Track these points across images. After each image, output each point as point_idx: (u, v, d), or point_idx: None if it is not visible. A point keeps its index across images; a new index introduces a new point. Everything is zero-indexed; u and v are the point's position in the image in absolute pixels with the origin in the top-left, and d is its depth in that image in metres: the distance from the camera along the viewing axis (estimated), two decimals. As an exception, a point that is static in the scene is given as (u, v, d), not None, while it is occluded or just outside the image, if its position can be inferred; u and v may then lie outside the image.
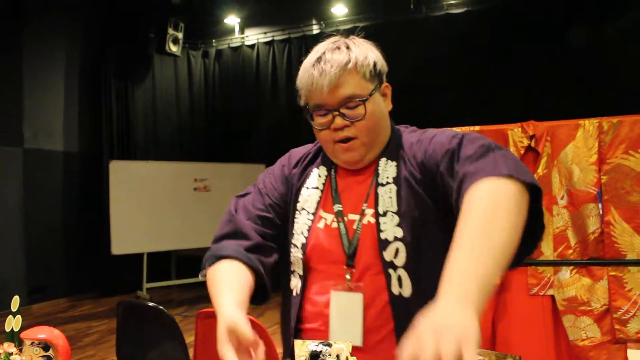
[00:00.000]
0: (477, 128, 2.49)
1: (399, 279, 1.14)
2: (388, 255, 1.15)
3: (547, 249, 2.42)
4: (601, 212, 2.41)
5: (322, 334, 1.19)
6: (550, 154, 2.42)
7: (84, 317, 6.17)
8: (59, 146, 7.22)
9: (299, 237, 1.25)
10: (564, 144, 2.42)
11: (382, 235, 1.15)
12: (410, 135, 1.27)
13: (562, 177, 2.42)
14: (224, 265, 1.19)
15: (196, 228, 6.95)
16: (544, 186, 2.40)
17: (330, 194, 1.25)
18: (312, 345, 0.98)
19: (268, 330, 1.08)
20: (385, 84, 1.27)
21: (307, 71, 1.21)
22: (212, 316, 2.43)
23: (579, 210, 2.40)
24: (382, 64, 1.26)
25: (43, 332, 1.18)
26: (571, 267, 2.41)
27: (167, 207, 6.98)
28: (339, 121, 1.19)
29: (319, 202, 1.26)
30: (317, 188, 1.27)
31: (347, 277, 1.17)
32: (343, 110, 1.19)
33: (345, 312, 1.14)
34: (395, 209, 1.17)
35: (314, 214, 1.24)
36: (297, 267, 1.25)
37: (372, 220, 1.19)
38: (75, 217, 7.32)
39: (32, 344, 1.15)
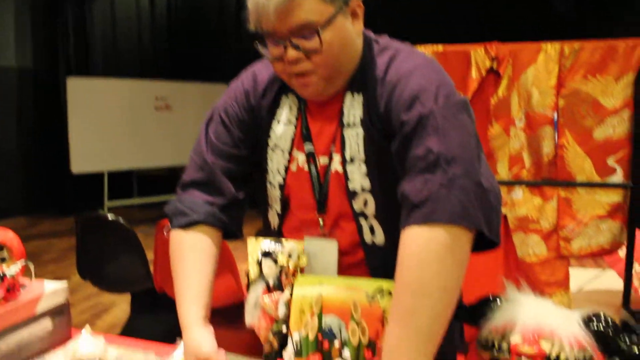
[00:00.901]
0: (440, 48, 2.47)
1: (371, 228, 1.08)
2: (357, 205, 1.07)
3: (502, 169, 2.49)
4: (556, 135, 2.47)
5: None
6: (511, 76, 2.44)
7: (44, 235, 6.13)
8: (12, 62, 6.90)
9: (275, 177, 1.14)
10: (525, 66, 2.43)
11: (350, 186, 1.06)
12: (381, 59, 1.08)
13: (522, 99, 2.45)
14: (194, 242, 1.11)
15: (157, 147, 6.86)
16: (503, 107, 2.44)
17: (301, 129, 1.12)
18: (265, 243, 1.00)
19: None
20: (354, 1, 1.05)
21: None
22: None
23: (536, 133, 2.46)
24: None
25: (-5, 233, 1.17)
26: (524, 187, 2.49)
27: (128, 126, 6.84)
28: (291, 53, 1.00)
29: (293, 140, 1.13)
30: (290, 122, 1.14)
31: (320, 223, 1.10)
32: (295, 41, 0.99)
33: (319, 259, 1.08)
34: (362, 156, 1.05)
35: (289, 152, 1.13)
36: (276, 205, 1.16)
37: (340, 168, 1.08)
38: (31, 135, 7.13)
39: (-16, 244, 1.14)
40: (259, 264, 0.99)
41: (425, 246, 0.86)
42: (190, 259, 1.09)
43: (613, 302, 3.66)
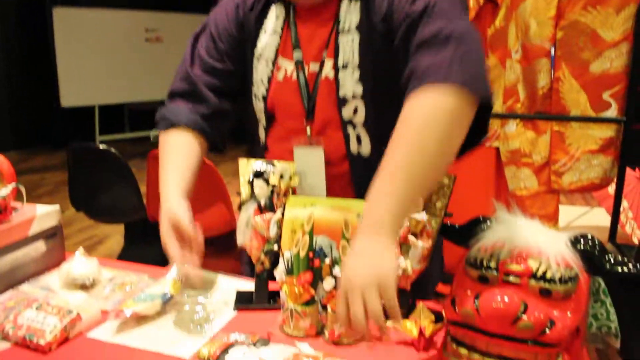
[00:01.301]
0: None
1: (358, 137, 1.09)
2: (347, 113, 1.07)
3: (496, 102, 2.47)
4: (552, 68, 2.44)
5: None
6: (509, 6, 2.38)
7: (36, 170, 6.12)
8: (-7, -11, 6.67)
9: (259, 88, 1.16)
10: (525, -5, 2.37)
11: (341, 92, 1.06)
12: None
13: (519, 30, 2.40)
14: (176, 138, 1.15)
15: (149, 80, 6.76)
16: (500, 38, 2.40)
17: (289, 37, 1.12)
18: (257, 164, 0.99)
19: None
20: None
21: None
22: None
23: (531, 65, 2.42)
24: None
25: (-17, 155, 1.16)
26: (517, 120, 2.48)
27: (118, 58, 6.71)
28: None
29: (277, 48, 1.14)
30: (275, 32, 1.14)
31: (308, 132, 1.11)
32: None
33: (308, 167, 1.10)
34: (357, 61, 1.05)
35: (273, 62, 1.14)
36: (261, 118, 1.18)
37: (331, 74, 1.08)
38: (19, 69, 6.97)
39: (-28, 165, 1.13)
40: (251, 184, 0.99)
41: (432, 107, 0.86)
42: (173, 151, 1.13)
43: (600, 238, 3.74)
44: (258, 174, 0.98)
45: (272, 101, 1.14)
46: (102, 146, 2.57)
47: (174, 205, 1.01)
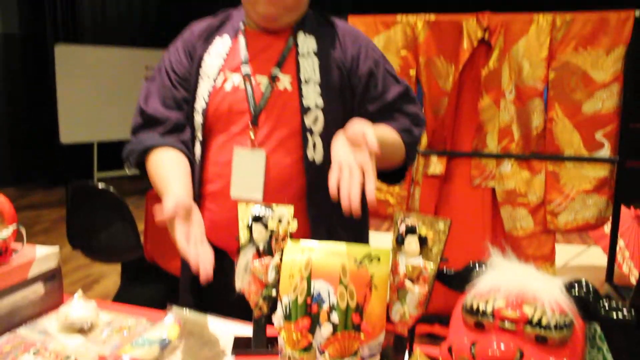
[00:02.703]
0: (432, 17, 2.46)
1: (314, 145, 1.22)
2: (308, 121, 1.21)
3: (491, 142, 2.50)
4: (545, 108, 2.48)
5: (223, 195, 1.24)
6: (502, 48, 2.43)
7: (33, 206, 6.11)
8: (-2, 27, 6.78)
9: (200, 103, 1.28)
10: (517, 38, 2.42)
11: (305, 102, 1.22)
12: (341, 22, 1.35)
13: (512, 71, 2.45)
14: (156, 156, 1.25)
15: (148, 118, 6.81)
16: (494, 79, 2.44)
17: (239, 58, 1.28)
18: (255, 208, 1.01)
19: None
20: None
21: None
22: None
23: (525, 105, 2.46)
24: None
25: (-15, 198, 1.17)
26: (512, 161, 2.51)
27: (118, 95, 6.77)
28: None
29: (220, 68, 1.28)
30: (219, 56, 1.30)
31: (251, 135, 1.22)
32: None
33: (247, 169, 1.20)
34: (317, 79, 1.24)
35: (214, 79, 1.27)
36: (198, 133, 1.29)
37: (290, 87, 1.24)
38: (19, 105, 7.03)
39: (-26, 208, 1.14)
40: (249, 228, 1.00)
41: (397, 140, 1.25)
42: (159, 164, 1.23)
43: (597, 278, 3.73)
44: (257, 219, 0.99)
45: (214, 112, 1.26)
46: (101, 185, 2.58)
47: (178, 191, 1.10)
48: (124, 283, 2.87)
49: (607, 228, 3.06)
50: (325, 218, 1.24)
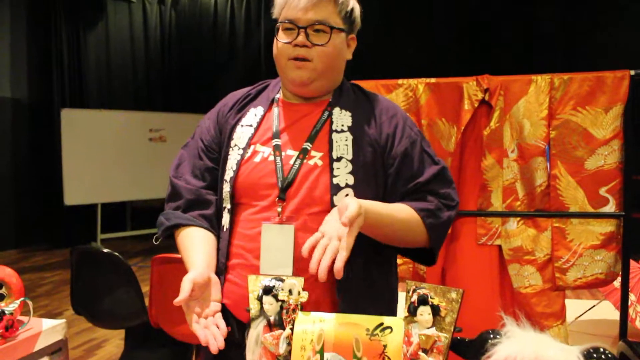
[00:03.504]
0: (433, 80, 2.52)
1: None
2: (337, 199, 1.19)
3: (496, 201, 2.50)
4: (548, 166, 2.49)
5: (248, 269, 1.22)
6: (503, 108, 2.47)
7: (36, 268, 6.07)
8: (7, 93, 6.93)
9: (229, 173, 1.28)
10: (517, 98, 2.47)
11: (335, 180, 1.20)
12: (380, 97, 1.36)
13: (514, 130, 2.48)
14: (184, 232, 1.28)
15: (151, 179, 6.87)
16: (496, 139, 2.47)
17: (271, 130, 1.29)
18: (265, 280, 1.00)
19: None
20: (352, 35, 1.33)
21: None
22: (168, 262, 2.44)
23: (528, 164, 2.48)
24: (357, 14, 1.32)
25: (-6, 271, 1.17)
26: (518, 218, 2.50)
27: (122, 158, 6.86)
28: (301, 38, 1.23)
29: (250, 138, 1.29)
30: (250, 125, 1.31)
31: (279, 210, 1.20)
32: (309, 31, 1.23)
33: (276, 244, 1.18)
34: (350, 157, 1.23)
35: (244, 148, 1.28)
36: (227, 202, 1.28)
37: (320, 162, 1.23)
38: (25, 167, 7.11)
39: (-17, 282, 1.14)
40: (260, 300, 0.99)
41: (417, 224, 1.23)
42: (189, 240, 1.26)
43: (609, 333, 3.66)
44: (267, 291, 0.98)
45: (242, 182, 1.25)
46: (105, 250, 2.58)
47: (199, 266, 1.14)
48: (128, 348, 2.81)
49: (616, 283, 3.03)
50: (354, 296, 1.20)
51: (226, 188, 1.28)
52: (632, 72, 2.40)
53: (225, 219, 1.28)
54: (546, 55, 5.87)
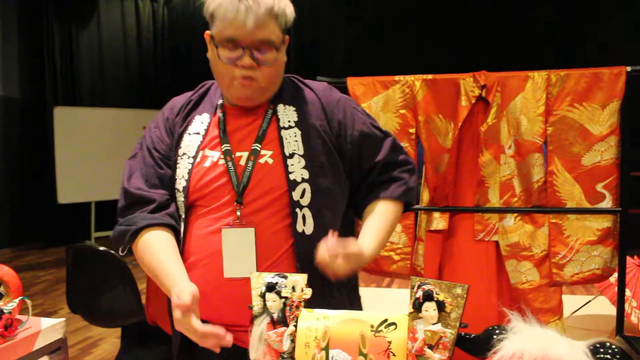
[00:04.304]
0: (430, 77, 2.51)
1: (304, 217, 1.22)
2: (296, 194, 1.21)
3: (493, 197, 2.50)
4: (545, 162, 2.50)
5: (202, 268, 1.22)
6: (500, 104, 2.47)
7: (30, 267, 6.04)
8: (-1, 91, 6.89)
9: (180, 182, 1.27)
10: (514, 94, 2.47)
11: (291, 177, 1.22)
12: (318, 84, 1.38)
13: (511, 127, 2.48)
14: (148, 238, 1.24)
15: (146, 177, 6.83)
16: (493, 135, 2.47)
17: (218, 135, 1.29)
18: (268, 277, 1.00)
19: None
20: (287, 36, 1.31)
21: (232, 3, 1.18)
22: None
23: (525, 160, 2.48)
24: (293, 18, 1.30)
25: (-8, 270, 1.15)
26: (515, 214, 2.51)
27: (115, 155, 6.80)
28: (247, 60, 1.20)
29: (199, 146, 1.28)
30: (198, 133, 1.30)
31: (238, 213, 1.20)
32: (255, 52, 1.21)
33: (237, 248, 1.19)
34: (301, 152, 1.24)
35: (194, 157, 1.27)
36: (182, 212, 1.28)
37: (271, 160, 1.24)
38: (18, 166, 7.06)
39: (-19, 281, 1.13)
40: (263, 297, 0.99)
41: (394, 213, 1.33)
42: (154, 248, 1.22)
43: (605, 329, 3.67)
44: (270, 288, 0.98)
45: (195, 191, 1.25)
46: (102, 248, 2.56)
47: (189, 282, 1.12)
48: (125, 347, 2.80)
49: (612, 278, 3.04)
50: (318, 287, 1.19)
51: (180, 197, 1.27)
52: (629, 69, 2.40)
53: (182, 227, 1.28)
54: (544, 52, 5.88)
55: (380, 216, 1.30)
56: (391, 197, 1.32)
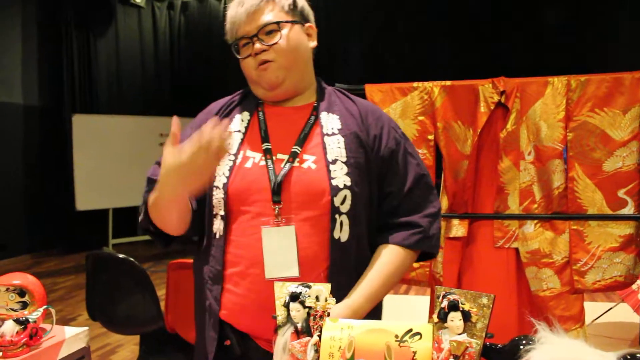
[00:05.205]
0: (448, 83, 2.50)
1: (341, 224, 1.22)
2: (337, 200, 1.21)
3: (513, 204, 2.48)
4: (566, 168, 2.47)
5: (247, 277, 1.21)
6: (519, 110, 2.45)
7: (48, 274, 6.10)
8: (18, 99, 6.98)
9: (220, 179, 1.27)
10: (533, 100, 2.45)
11: (334, 182, 1.22)
12: (363, 100, 1.39)
13: (530, 133, 2.46)
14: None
15: (163, 184, 6.89)
16: (513, 141, 2.45)
17: (259, 134, 1.30)
18: (292, 287, 0.99)
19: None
20: (310, 24, 1.36)
21: (233, 8, 1.30)
22: (183, 267, 2.43)
23: (545, 166, 2.46)
24: (303, 4, 1.35)
25: (17, 278, 1.16)
26: (535, 221, 2.48)
27: (133, 162, 6.88)
28: (257, 45, 1.27)
29: (240, 144, 1.30)
30: (238, 131, 1.32)
31: (276, 212, 1.21)
32: (261, 36, 1.27)
33: (277, 247, 1.18)
34: (344, 158, 1.25)
35: (235, 154, 1.28)
36: (220, 209, 1.27)
37: (314, 166, 1.24)
38: (37, 173, 7.15)
39: (7, 289, 1.14)
40: (287, 307, 0.98)
41: (402, 264, 1.28)
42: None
43: (627, 336, 3.62)
44: (294, 297, 0.97)
45: (235, 189, 1.25)
46: (121, 255, 2.58)
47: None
48: (143, 354, 2.81)
49: (634, 285, 2.99)
50: (343, 295, 1.21)
51: (219, 194, 1.26)
52: (651, 73, 2.38)
53: (218, 225, 1.27)
54: (562, 56, 5.83)
55: (381, 266, 1.25)
56: (402, 244, 1.28)
